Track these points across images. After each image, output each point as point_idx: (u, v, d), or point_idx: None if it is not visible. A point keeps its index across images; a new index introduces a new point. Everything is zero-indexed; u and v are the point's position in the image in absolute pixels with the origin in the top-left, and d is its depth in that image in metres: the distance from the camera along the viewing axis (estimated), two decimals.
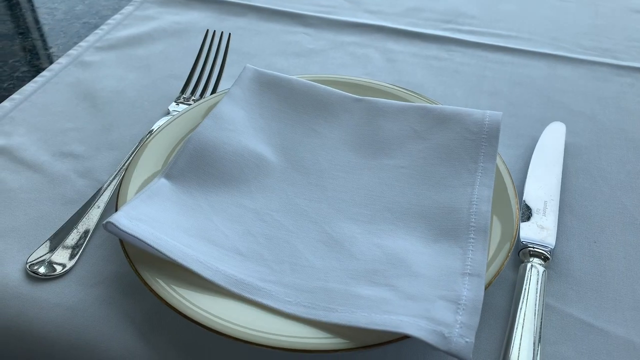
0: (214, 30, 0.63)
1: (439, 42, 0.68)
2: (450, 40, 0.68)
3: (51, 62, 0.62)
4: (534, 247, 0.41)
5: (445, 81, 0.61)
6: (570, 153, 0.52)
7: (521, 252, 0.42)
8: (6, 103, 0.56)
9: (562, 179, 0.48)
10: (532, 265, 0.40)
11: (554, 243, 0.42)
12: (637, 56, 0.66)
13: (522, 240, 0.42)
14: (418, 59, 0.65)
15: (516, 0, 0.76)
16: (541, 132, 0.53)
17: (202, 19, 0.70)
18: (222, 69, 0.59)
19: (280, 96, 0.51)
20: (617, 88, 0.61)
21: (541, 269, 0.40)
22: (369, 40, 0.68)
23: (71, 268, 0.41)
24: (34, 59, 0.65)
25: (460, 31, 0.69)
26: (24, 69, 0.62)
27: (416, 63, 0.64)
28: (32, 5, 0.76)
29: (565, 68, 0.64)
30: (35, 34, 0.70)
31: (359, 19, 0.71)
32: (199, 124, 0.47)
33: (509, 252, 0.39)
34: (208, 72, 0.59)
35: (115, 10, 0.73)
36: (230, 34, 0.62)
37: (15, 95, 0.57)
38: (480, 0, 0.76)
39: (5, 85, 0.60)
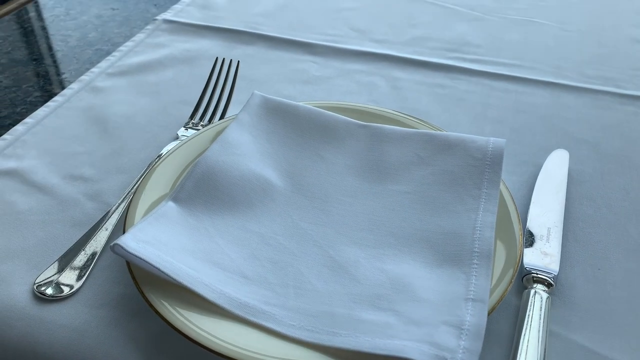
0: (224, 58, 0.64)
1: (444, 70, 0.68)
2: (455, 68, 0.69)
3: (63, 88, 0.64)
4: (537, 273, 0.41)
5: (450, 109, 0.62)
6: (573, 180, 0.52)
7: (525, 278, 0.42)
8: (19, 127, 0.57)
9: (565, 205, 0.48)
10: (535, 292, 0.40)
11: (557, 269, 0.42)
12: None
13: (525, 266, 0.42)
14: (423, 86, 0.66)
15: (520, 30, 0.77)
16: (545, 159, 0.53)
17: (211, 47, 0.72)
18: (231, 95, 0.60)
19: (287, 122, 0.52)
20: (621, 116, 0.61)
21: (545, 295, 0.40)
22: (375, 68, 0.69)
23: (78, 289, 0.41)
24: (46, 84, 0.67)
25: (465, 60, 0.70)
26: (37, 93, 0.64)
27: (421, 91, 0.65)
28: (47, 33, 0.78)
29: (569, 96, 0.64)
30: (48, 60, 0.71)
31: (365, 47, 0.72)
32: (207, 148, 0.48)
33: (512, 278, 0.39)
34: (217, 98, 0.60)
35: (127, 37, 0.74)
36: (239, 61, 0.63)
37: (27, 119, 0.58)
38: (485, 29, 0.77)
39: (19, 109, 0.61)
